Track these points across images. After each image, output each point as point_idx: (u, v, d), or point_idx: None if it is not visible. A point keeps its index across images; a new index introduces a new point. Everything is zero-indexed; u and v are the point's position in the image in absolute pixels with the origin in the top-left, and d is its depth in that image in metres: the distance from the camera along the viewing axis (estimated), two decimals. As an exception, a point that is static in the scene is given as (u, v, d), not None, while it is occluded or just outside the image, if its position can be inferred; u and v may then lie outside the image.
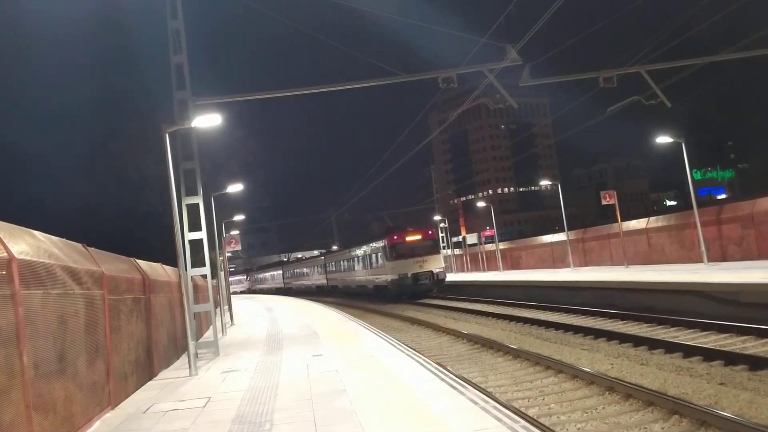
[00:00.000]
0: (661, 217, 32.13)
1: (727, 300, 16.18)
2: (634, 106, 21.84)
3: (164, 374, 13.09)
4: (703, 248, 24.84)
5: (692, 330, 14.73)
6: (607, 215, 45.08)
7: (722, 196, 78.47)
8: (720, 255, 25.65)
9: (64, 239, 8.75)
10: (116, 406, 9.60)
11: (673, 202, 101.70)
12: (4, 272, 6.14)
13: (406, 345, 14.37)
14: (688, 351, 11.97)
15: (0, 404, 5.67)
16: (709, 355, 11.42)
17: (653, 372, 11.01)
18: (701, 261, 24.86)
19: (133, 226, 37.90)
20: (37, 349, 6.64)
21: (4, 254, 6.16)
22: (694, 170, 29.47)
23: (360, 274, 45.93)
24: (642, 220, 32.58)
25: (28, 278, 6.61)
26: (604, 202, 32.89)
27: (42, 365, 6.76)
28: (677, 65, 20.11)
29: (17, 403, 6.02)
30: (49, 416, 6.81)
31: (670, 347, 12.53)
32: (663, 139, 27.66)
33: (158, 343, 13.48)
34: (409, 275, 36.52)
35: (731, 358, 10.88)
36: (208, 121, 13.31)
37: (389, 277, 37.76)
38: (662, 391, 9.20)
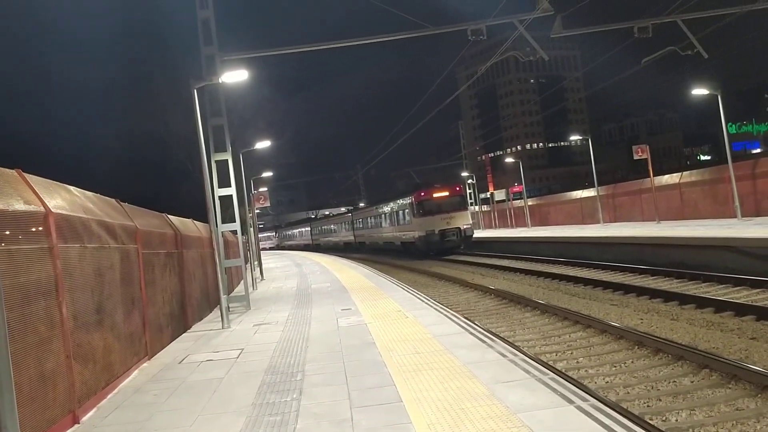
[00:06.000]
0: (694, 171, 31.53)
1: (761, 255, 15.92)
2: (668, 58, 21.19)
3: (198, 327, 13.42)
4: (737, 203, 24.41)
5: (724, 285, 14.57)
6: (638, 170, 44.30)
7: (757, 151, 76.54)
8: (754, 210, 25.18)
9: (98, 194, 8.89)
10: (153, 356, 9.89)
11: (707, 157, 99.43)
12: (41, 227, 6.27)
13: (434, 300, 14.45)
14: (720, 306, 11.87)
15: (41, 353, 5.85)
16: (740, 310, 11.31)
17: (683, 327, 10.96)
18: (735, 216, 24.45)
19: (163, 182, 38.44)
20: (75, 301, 6.82)
21: (41, 208, 6.28)
22: (729, 124, 28.63)
23: (387, 231, 46.08)
24: (675, 174, 31.97)
25: (65, 232, 6.75)
26: (636, 157, 32.24)
27: (80, 316, 6.96)
28: (715, 14, 19.39)
29: (58, 352, 6.22)
30: (88, 365, 7.04)
31: (701, 302, 12.42)
32: (699, 92, 26.92)
33: (191, 296, 13.78)
34: (437, 231, 36.54)
35: (763, 313, 10.76)
36: (235, 76, 13.28)
37: (416, 234, 37.83)
38: (692, 346, 9.16)
